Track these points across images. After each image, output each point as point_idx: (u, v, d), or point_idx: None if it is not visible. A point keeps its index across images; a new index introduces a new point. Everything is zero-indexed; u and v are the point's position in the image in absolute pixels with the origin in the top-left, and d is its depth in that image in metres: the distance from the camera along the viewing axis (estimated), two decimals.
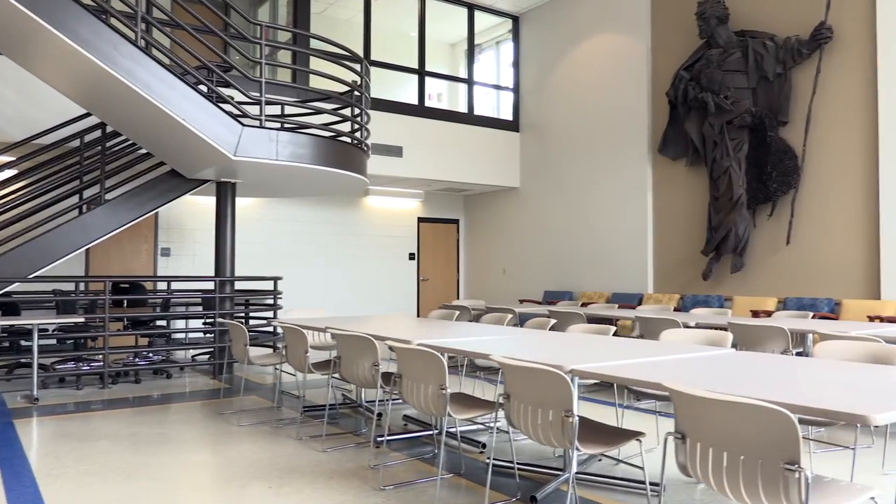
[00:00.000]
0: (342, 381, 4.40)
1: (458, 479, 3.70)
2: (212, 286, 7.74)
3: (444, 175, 10.69)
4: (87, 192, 7.33)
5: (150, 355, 7.66)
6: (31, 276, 6.43)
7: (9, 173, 8.08)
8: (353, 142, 7.58)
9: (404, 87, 10.86)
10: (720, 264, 8.33)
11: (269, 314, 9.06)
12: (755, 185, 7.89)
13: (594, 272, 9.98)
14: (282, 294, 7.93)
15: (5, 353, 7.10)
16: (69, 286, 8.39)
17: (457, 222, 12.74)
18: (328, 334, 5.65)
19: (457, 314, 6.00)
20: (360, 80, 7.63)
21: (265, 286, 9.65)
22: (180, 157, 6.75)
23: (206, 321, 7.64)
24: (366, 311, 11.46)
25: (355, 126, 7.81)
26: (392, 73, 10.52)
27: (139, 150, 7.45)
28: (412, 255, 12.10)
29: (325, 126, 7.28)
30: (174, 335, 9.10)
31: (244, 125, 6.35)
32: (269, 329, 8.12)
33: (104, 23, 5.20)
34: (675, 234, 8.94)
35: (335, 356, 4.27)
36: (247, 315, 8.31)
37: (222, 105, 6.39)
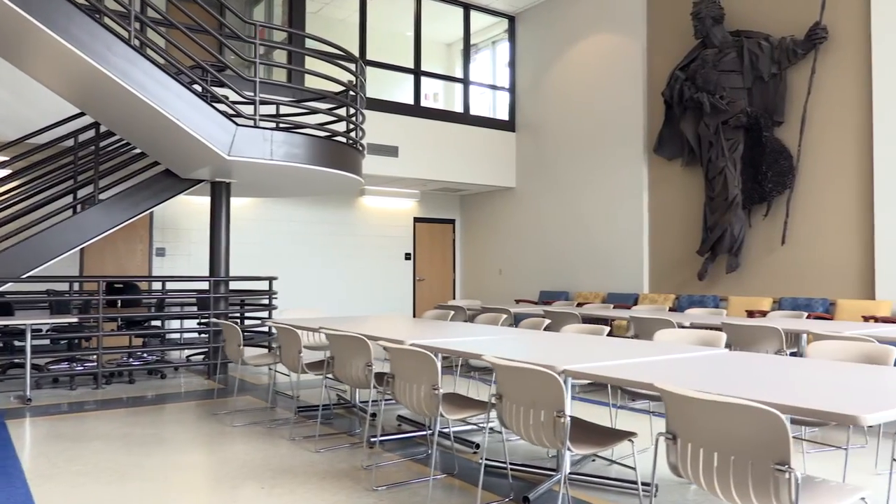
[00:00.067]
0: (336, 381, 4.40)
1: (452, 480, 3.70)
2: (206, 286, 7.72)
3: (440, 175, 10.69)
4: (81, 191, 7.32)
5: (144, 356, 7.64)
6: (24, 276, 6.42)
7: (2, 173, 8.05)
8: (349, 142, 7.57)
9: (400, 87, 10.85)
10: (715, 264, 8.33)
11: (265, 314, 9.04)
12: (750, 185, 7.90)
13: (590, 272, 9.98)
14: (277, 294, 7.92)
15: None
16: (63, 286, 8.36)
17: (453, 222, 12.74)
18: (322, 334, 5.64)
19: (451, 314, 5.99)
20: (356, 79, 7.63)
21: (261, 286, 9.64)
22: (174, 157, 6.74)
23: (200, 321, 7.62)
24: (362, 311, 11.45)
25: (350, 126, 7.80)
26: (388, 72, 10.51)
27: (133, 149, 7.43)
28: (408, 256, 12.09)
29: (321, 126, 7.27)
30: (169, 335, 9.07)
31: (238, 125, 6.34)
32: (264, 329, 8.11)
33: (98, 22, 5.19)
34: (670, 235, 8.94)
35: (328, 356, 4.26)
36: (242, 315, 8.29)
37: (217, 105, 6.37)
